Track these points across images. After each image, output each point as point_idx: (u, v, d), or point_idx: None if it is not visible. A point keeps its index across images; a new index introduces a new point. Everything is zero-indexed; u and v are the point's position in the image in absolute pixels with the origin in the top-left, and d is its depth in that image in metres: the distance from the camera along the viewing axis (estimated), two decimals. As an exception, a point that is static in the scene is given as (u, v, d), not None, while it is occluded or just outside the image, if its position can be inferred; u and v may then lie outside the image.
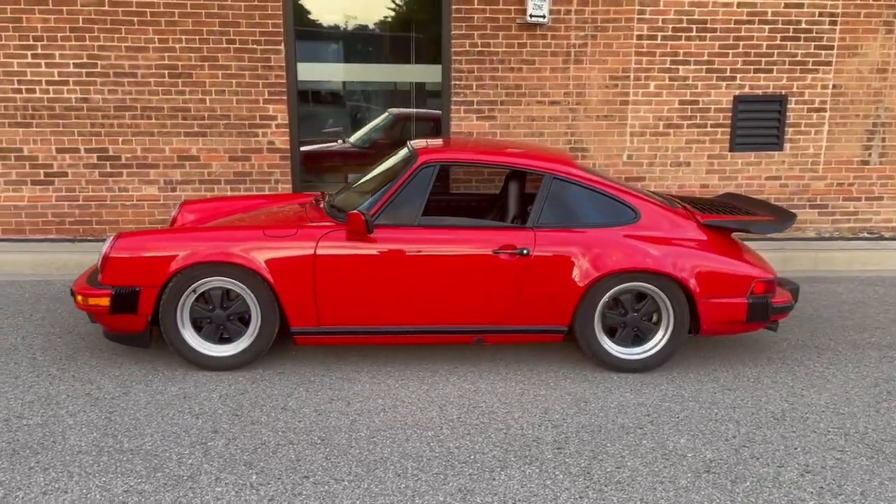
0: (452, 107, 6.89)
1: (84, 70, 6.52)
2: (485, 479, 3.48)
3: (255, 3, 6.52)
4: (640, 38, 6.90)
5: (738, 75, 7.04)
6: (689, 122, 7.10)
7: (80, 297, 4.41)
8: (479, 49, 6.78)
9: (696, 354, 4.99)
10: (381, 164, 5.17)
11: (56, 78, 6.52)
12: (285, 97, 6.70)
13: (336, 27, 6.98)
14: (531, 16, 6.62)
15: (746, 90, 7.08)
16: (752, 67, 7.03)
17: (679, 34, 6.92)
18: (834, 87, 7.12)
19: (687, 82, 7.02)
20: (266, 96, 6.70)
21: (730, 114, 7.11)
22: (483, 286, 4.47)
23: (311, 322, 4.47)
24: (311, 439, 3.79)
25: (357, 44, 7.07)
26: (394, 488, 3.39)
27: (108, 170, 6.71)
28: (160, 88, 6.61)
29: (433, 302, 4.47)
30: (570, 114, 6.97)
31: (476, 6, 6.67)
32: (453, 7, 6.66)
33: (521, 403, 4.23)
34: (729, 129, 7.14)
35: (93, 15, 6.43)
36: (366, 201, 4.57)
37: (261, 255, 4.36)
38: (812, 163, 7.26)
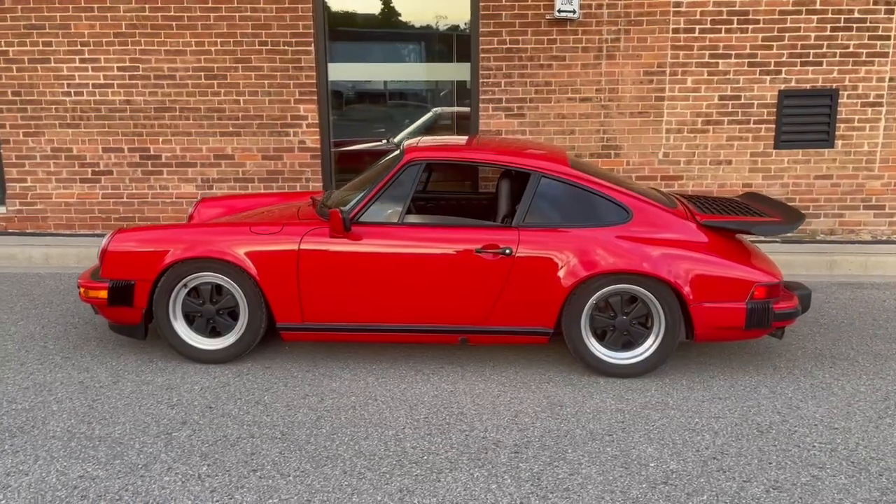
0: (481, 105, 6.84)
1: (127, 73, 6.83)
2: (430, 481, 3.44)
3: (286, 4, 6.66)
4: (676, 31, 6.66)
5: (784, 69, 6.69)
6: (730, 118, 6.80)
7: (82, 290, 4.63)
8: (508, 46, 6.70)
9: (697, 360, 4.78)
10: (378, 163, 5.19)
11: (101, 81, 6.86)
12: (315, 97, 6.82)
13: (366, 27, 7.05)
14: (560, 11, 6.50)
15: (793, 84, 6.73)
16: (798, 60, 6.68)
17: (718, 26, 6.64)
18: (891, 79, 6.67)
19: (727, 77, 6.73)
20: (297, 96, 6.84)
21: (774, 109, 6.77)
22: (465, 286, 4.42)
23: (295, 318, 4.54)
24: (273, 434, 3.85)
25: (388, 43, 7.11)
26: (335, 486, 3.40)
27: (150, 168, 7.00)
28: (197, 90, 6.84)
29: (415, 301, 4.46)
30: (603, 111, 6.80)
31: (504, 3, 6.60)
32: (481, 4, 6.61)
33: (495, 406, 4.17)
34: (774, 126, 6.80)
35: (134, 20, 6.72)
36: (354, 199, 4.60)
37: (246, 251, 4.46)
38: (867, 161, 6.83)
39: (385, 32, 7.07)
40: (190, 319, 4.64)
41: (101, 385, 4.39)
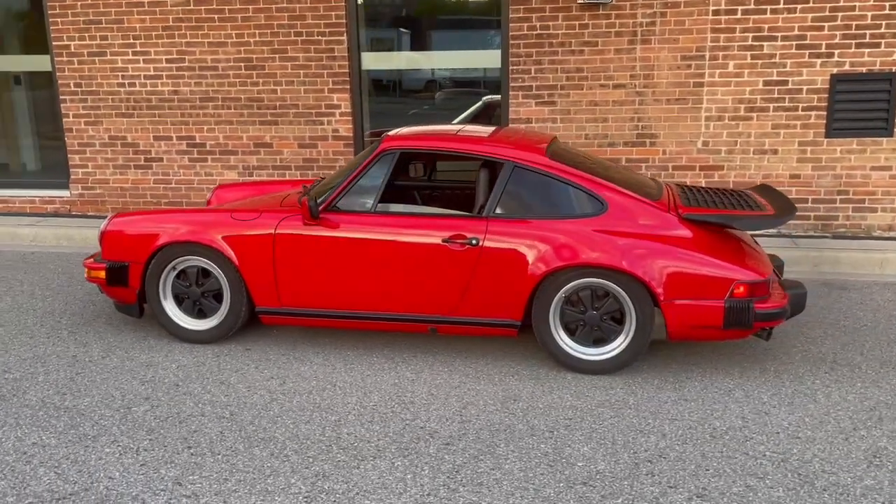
0: (511, 93, 6.74)
1: (174, 65, 7.16)
2: (348, 467, 3.46)
3: (320, -5, 6.79)
4: (716, 13, 6.32)
5: (836, 51, 6.23)
6: (777, 104, 6.39)
7: (86, 271, 4.92)
8: (538, 32, 6.56)
9: (681, 360, 4.53)
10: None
11: (152, 73, 7.22)
12: (348, 86, 6.92)
13: (399, 15, 7.07)
14: (590, -6, 6.30)
15: (847, 68, 6.25)
16: (853, 42, 6.19)
17: (763, 7, 6.24)
18: (959, 61, 6.08)
19: (773, 60, 6.32)
20: (331, 86, 6.96)
21: (826, 95, 6.31)
22: (433, 275, 4.39)
23: (273, 302, 4.65)
24: (222, 413, 3.97)
25: (420, 31, 7.11)
26: (256, 466, 3.48)
27: (196, 156, 7.32)
28: (238, 80, 7.09)
29: (385, 289, 4.47)
30: (637, 97, 6.55)
31: (534, -13, 6.47)
32: (510, -10, 6.51)
33: (448, 396, 4.12)
34: (825, 113, 6.34)
35: (180, 14, 7.03)
36: (331, 187, 4.65)
37: (226, 237, 4.60)
38: (931, 150, 6.26)
39: (417, 20, 7.07)
40: (179, 300, 4.84)
41: (90, 359, 4.66)
